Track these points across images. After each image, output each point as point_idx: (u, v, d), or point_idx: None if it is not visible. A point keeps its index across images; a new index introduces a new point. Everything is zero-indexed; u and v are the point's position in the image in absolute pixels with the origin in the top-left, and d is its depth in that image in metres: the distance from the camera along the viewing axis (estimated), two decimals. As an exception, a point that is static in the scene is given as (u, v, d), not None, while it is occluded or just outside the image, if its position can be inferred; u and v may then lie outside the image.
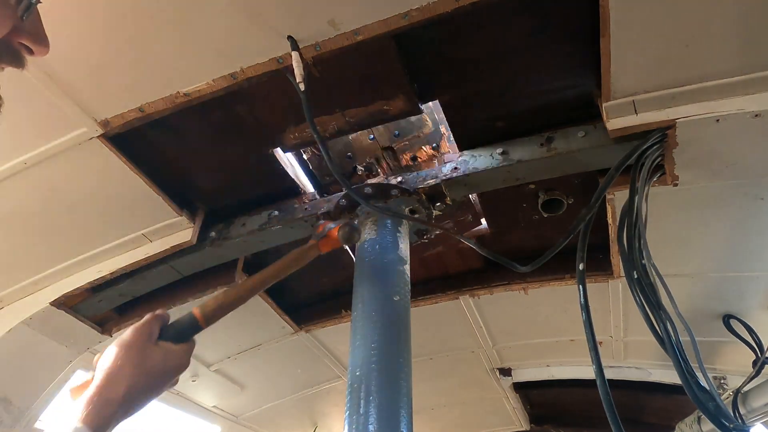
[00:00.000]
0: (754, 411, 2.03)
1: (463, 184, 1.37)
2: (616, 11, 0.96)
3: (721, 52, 1.00)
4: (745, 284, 1.73)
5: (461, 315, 2.12)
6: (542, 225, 1.65)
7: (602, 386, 1.08)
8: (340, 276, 1.97)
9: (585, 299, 1.19)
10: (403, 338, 1.17)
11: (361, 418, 1.02)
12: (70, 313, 1.68)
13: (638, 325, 1.97)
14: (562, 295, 1.93)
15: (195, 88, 1.17)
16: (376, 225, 1.34)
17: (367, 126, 1.33)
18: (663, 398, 2.75)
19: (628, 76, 1.08)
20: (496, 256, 1.22)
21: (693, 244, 1.57)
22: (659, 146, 1.19)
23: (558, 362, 2.60)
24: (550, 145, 1.28)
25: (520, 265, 1.25)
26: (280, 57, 1.10)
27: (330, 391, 2.72)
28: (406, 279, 1.27)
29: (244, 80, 1.15)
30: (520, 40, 1.14)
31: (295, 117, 1.31)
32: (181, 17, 1.03)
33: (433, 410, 3.09)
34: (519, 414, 3.19)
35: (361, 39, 1.06)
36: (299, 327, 2.13)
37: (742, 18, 0.94)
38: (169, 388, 0.86)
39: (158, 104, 1.20)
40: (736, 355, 2.04)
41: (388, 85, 1.21)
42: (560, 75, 1.22)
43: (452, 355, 2.50)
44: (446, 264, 1.97)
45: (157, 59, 1.11)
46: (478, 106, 1.31)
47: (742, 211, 1.40)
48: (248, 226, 1.55)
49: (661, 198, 1.36)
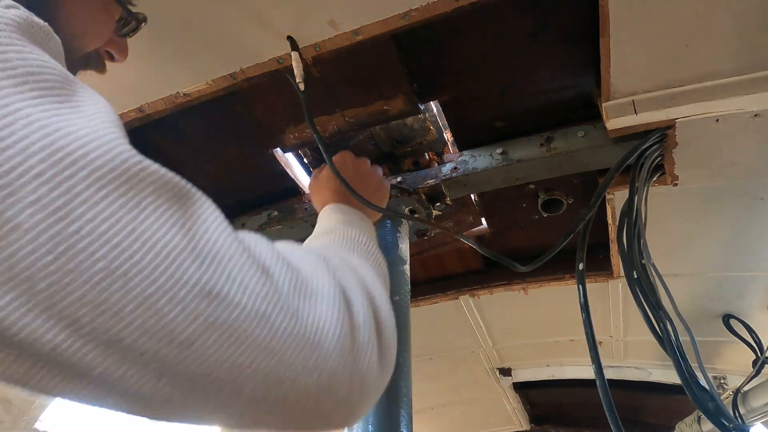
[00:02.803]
0: (754, 411, 2.03)
1: (462, 184, 1.37)
2: (615, 11, 0.96)
3: (721, 51, 1.00)
4: (745, 284, 1.73)
5: (461, 315, 2.12)
6: (542, 225, 1.65)
7: (602, 386, 1.09)
8: (340, 276, 1.97)
9: (585, 299, 1.19)
10: (403, 338, 1.17)
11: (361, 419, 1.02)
12: (70, 314, 1.69)
13: (638, 325, 1.97)
14: (562, 295, 1.93)
15: (195, 88, 1.17)
16: (376, 225, 1.34)
17: (367, 126, 1.33)
18: (663, 398, 2.75)
19: (627, 75, 1.08)
20: (497, 256, 1.22)
21: (693, 244, 1.57)
22: (659, 146, 1.19)
23: (558, 362, 2.60)
24: (550, 145, 1.28)
25: (520, 264, 1.25)
26: (280, 57, 1.10)
27: (330, 391, 2.72)
28: (406, 279, 1.27)
29: (244, 80, 1.15)
30: (520, 40, 1.14)
31: (294, 117, 1.31)
32: (180, 17, 1.03)
33: (433, 410, 3.09)
34: (519, 414, 3.19)
35: (361, 39, 1.06)
36: (299, 327, 2.13)
37: (742, 18, 0.94)
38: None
39: (158, 104, 1.20)
40: (736, 355, 2.04)
41: (387, 85, 1.21)
42: (560, 75, 1.22)
43: (452, 355, 2.50)
44: (446, 264, 1.97)
45: (157, 59, 1.11)
46: (478, 106, 1.31)
47: (742, 211, 1.40)
48: (248, 226, 1.55)
49: (660, 198, 1.36)
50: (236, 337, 0.38)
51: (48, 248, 0.33)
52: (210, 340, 0.37)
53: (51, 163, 0.34)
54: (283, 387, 0.40)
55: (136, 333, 0.35)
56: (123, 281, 0.35)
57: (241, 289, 0.39)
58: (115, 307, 0.35)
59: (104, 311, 0.34)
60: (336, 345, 0.43)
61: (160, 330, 0.36)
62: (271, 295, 0.41)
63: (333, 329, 0.44)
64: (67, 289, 0.33)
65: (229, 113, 1.31)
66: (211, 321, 0.37)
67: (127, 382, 0.36)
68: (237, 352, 0.38)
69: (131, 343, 0.35)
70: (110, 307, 0.35)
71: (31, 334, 0.33)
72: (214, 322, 0.37)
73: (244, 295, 0.39)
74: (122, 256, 0.35)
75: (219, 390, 0.38)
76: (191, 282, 0.37)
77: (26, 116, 0.35)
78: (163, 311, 0.36)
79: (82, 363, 0.35)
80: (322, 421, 0.44)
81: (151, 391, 0.37)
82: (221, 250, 0.40)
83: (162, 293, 0.36)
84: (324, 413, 0.43)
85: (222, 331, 0.37)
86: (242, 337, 0.38)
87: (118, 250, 0.35)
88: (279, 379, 0.40)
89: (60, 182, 0.34)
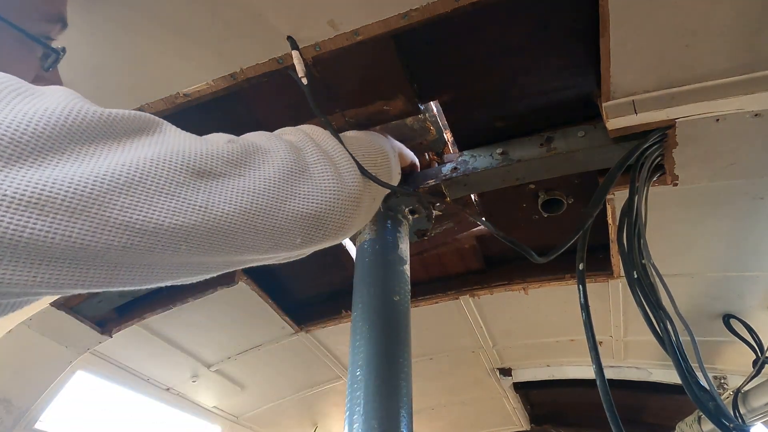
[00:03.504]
0: (755, 411, 2.03)
1: (462, 184, 1.37)
2: (615, 11, 0.96)
3: (721, 51, 1.00)
4: (745, 284, 1.73)
5: (461, 315, 2.12)
6: (542, 225, 1.65)
7: (602, 386, 1.08)
8: (340, 276, 1.97)
9: (585, 299, 1.19)
10: (403, 338, 1.17)
11: (361, 419, 1.02)
12: (70, 314, 1.68)
13: (638, 325, 1.98)
14: (562, 295, 1.93)
15: (195, 88, 1.17)
16: (376, 225, 1.34)
17: (367, 126, 1.32)
18: (663, 398, 2.75)
19: (627, 75, 1.08)
20: (514, 242, 1.18)
21: (693, 244, 1.57)
22: (659, 146, 1.19)
23: (558, 362, 2.60)
24: (550, 145, 1.28)
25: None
26: (279, 57, 1.10)
27: (330, 392, 2.72)
28: (406, 279, 1.27)
29: (244, 80, 1.15)
30: (520, 40, 1.14)
31: (294, 117, 1.31)
32: (180, 17, 1.03)
33: (433, 410, 3.09)
34: (519, 414, 3.20)
35: (361, 39, 1.06)
36: (299, 327, 2.13)
37: (742, 17, 0.94)
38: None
39: (158, 105, 1.20)
40: (736, 355, 2.04)
41: (387, 85, 1.21)
42: (560, 75, 1.22)
43: (452, 355, 2.50)
44: (446, 264, 1.97)
45: (156, 59, 1.11)
46: (478, 106, 1.31)
47: (742, 210, 1.40)
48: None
49: (661, 198, 1.36)
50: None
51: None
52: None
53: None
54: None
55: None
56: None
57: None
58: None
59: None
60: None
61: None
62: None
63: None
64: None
65: (229, 113, 1.31)
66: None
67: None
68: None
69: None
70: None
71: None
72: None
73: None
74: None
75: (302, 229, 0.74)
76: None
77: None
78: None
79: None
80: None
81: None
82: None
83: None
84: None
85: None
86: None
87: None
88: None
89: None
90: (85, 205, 0.49)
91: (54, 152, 0.48)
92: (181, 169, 0.59)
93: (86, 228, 0.49)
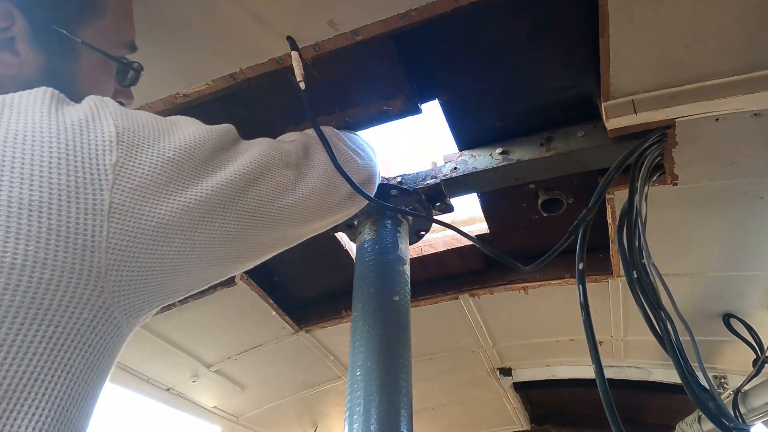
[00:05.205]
0: (755, 410, 2.03)
1: (462, 184, 1.37)
2: (615, 11, 0.96)
3: (720, 51, 1.00)
4: (745, 284, 1.73)
5: (461, 315, 2.12)
6: (542, 224, 1.65)
7: (602, 386, 1.09)
8: (340, 276, 1.97)
9: (585, 299, 1.19)
10: (403, 338, 1.17)
11: (361, 418, 1.02)
12: (70, 314, 1.68)
13: (638, 325, 1.98)
14: (562, 295, 1.93)
15: (195, 88, 1.17)
16: (376, 225, 1.35)
17: (366, 126, 1.33)
18: (663, 398, 2.75)
19: (627, 75, 1.08)
20: (500, 256, 1.21)
21: (693, 244, 1.57)
22: (659, 146, 1.19)
23: (558, 362, 2.60)
24: (550, 145, 1.28)
25: (521, 265, 1.25)
26: (279, 57, 1.10)
27: (330, 392, 2.72)
28: (406, 279, 1.27)
29: (244, 81, 1.15)
30: (520, 40, 1.14)
31: (294, 117, 1.31)
32: (180, 18, 1.03)
33: (433, 410, 3.09)
34: (519, 414, 3.19)
35: (361, 39, 1.06)
36: (299, 327, 2.13)
37: (742, 17, 0.94)
38: None
39: (157, 105, 1.20)
40: (737, 355, 2.04)
41: (387, 85, 1.21)
42: (560, 74, 1.22)
43: (452, 355, 2.50)
44: (446, 264, 1.97)
45: (156, 60, 1.11)
46: (478, 105, 1.31)
47: (742, 210, 1.40)
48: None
49: (660, 197, 1.36)
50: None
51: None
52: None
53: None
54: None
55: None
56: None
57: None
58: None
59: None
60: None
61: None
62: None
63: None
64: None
65: (228, 114, 1.31)
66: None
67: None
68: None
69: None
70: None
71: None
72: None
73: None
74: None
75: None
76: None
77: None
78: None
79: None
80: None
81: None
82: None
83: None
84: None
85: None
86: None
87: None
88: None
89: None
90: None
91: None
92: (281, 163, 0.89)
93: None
